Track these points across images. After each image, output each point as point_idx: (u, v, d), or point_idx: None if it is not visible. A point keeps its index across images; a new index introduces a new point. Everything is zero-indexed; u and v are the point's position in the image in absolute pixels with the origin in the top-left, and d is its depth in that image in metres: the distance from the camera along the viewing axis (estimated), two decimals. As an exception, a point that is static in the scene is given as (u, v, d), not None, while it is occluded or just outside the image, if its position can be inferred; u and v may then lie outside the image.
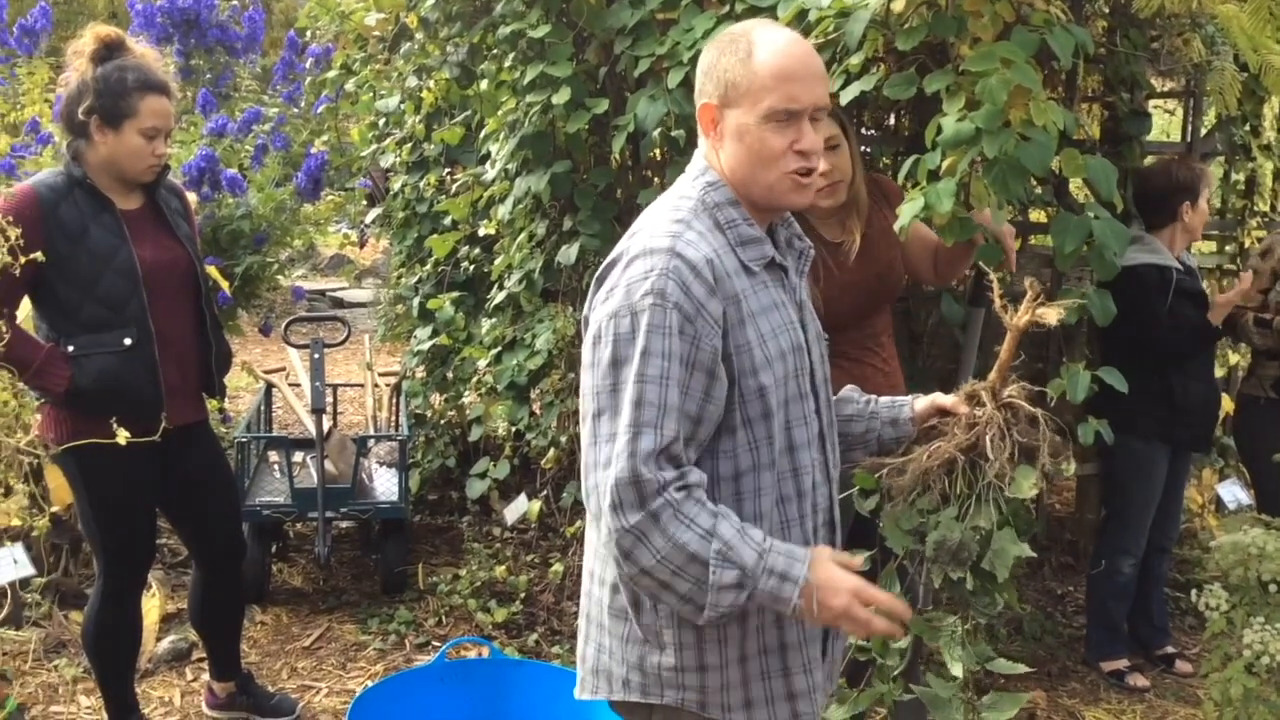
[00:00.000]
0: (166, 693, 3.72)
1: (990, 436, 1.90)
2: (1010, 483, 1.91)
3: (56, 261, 2.91)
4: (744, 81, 1.75)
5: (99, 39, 3.00)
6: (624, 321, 1.70)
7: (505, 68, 3.92)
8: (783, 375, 1.79)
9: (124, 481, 3.06)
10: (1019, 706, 2.07)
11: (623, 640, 1.84)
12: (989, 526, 1.93)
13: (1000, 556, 1.93)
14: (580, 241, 3.78)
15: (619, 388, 1.68)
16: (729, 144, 1.80)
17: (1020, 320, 1.93)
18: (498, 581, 4.33)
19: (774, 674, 1.83)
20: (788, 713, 1.85)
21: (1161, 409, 3.71)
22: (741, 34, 1.80)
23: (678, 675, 1.81)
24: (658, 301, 1.68)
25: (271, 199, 5.55)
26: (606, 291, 1.75)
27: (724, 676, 1.81)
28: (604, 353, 1.71)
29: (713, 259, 1.73)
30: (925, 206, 2.49)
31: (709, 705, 1.82)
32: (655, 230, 1.77)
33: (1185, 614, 4.38)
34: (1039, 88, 2.43)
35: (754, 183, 1.79)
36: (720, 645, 1.80)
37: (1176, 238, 3.78)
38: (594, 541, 1.89)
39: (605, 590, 1.86)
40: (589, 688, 1.93)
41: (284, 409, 6.09)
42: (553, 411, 4.31)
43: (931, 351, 4.05)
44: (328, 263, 12.09)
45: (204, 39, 7.73)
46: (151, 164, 3.04)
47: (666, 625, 1.80)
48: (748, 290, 1.77)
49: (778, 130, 1.75)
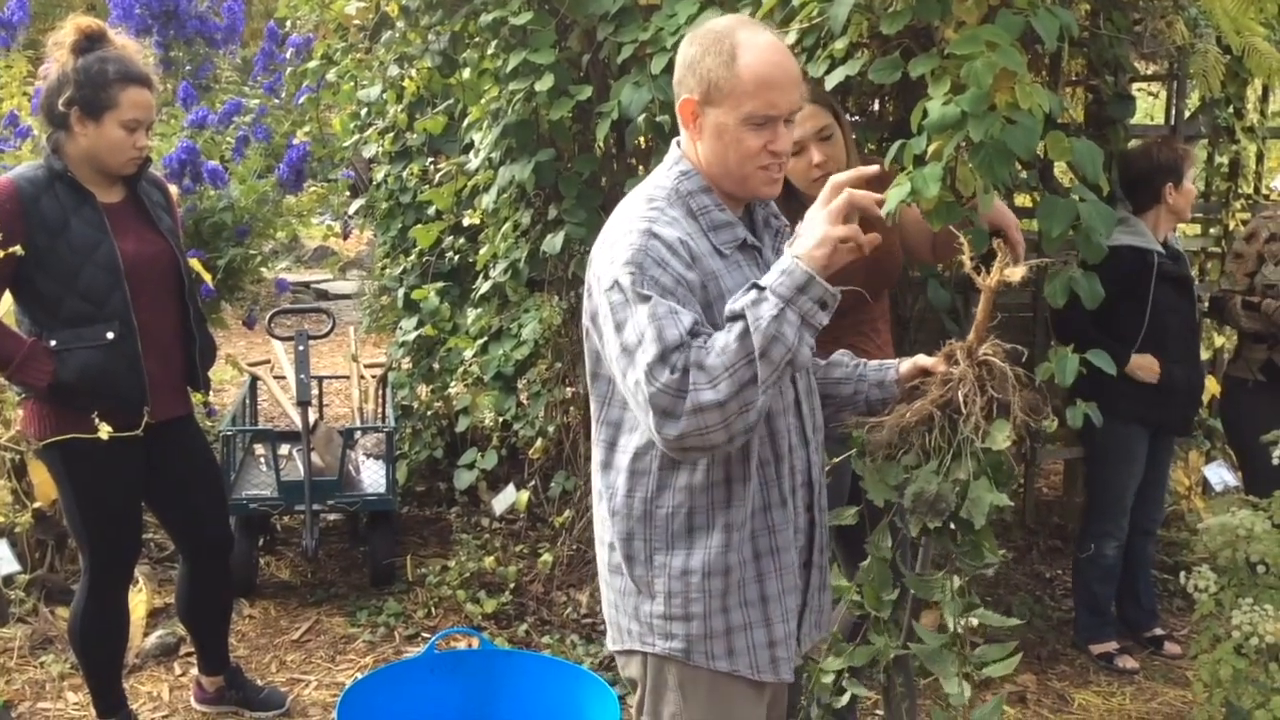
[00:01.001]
0: (155, 688, 3.70)
1: (964, 393, 2.00)
2: (985, 436, 2.00)
3: (37, 255, 2.88)
4: (726, 84, 1.87)
5: (80, 30, 2.97)
6: (615, 295, 1.84)
7: (487, 55, 3.89)
8: None
9: (108, 476, 3.05)
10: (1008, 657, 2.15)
11: (620, 593, 2.03)
12: (967, 479, 2.03)
13: (976, 505, 2.03)
14: (565, 230, 3.76)
15: (627, 347, 1.81)
16: (707, 139, 1.93)
17: (991, 281, 2.02)
18: (487, 572, 4.32)
19: (756, 624, 1.98)
20: (767, 658, 2.00)
21: (1143, 392, 3.71)
22: (725, 34, 1.90)
23: (667, 624, 1.97)
24: (637, 272, 1.81)
25: (253, 191, 5.52)
26: (596, 276, 1.91)
27: (708, 625, 1.95)
28: (608, 326, 1.85)
29: (686, 240, 1.87)
30: (912, 191, 2.47)
31: (694, 653, 1.97)
32: (632, 214, 1.91)
33: (1174, 596, 4.40)
34: (1024, 71, 2.42)
35: (728, 176, 1.94)
36: (705, 596, 1.94)
37: (1161, 219, 3.78)
38: (597, 507, 2.06)
39: (604, 549, 2.05)
40: (610, 639, 2.12)
41: (269, 402, 6.07)
42: (540, 401, 4.30)
43: (918, 337, 4.04)
44: (311, 255, 12.03)
45: (183, 30, 7.68)
46: (132, 156, 3.01)
47: (657, 575, 1.96)
48: (720, 271, 1.91)
49: (755, 132, 1.89)
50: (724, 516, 1.94)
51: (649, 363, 1.76)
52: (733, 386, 1.74)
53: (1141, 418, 3.76)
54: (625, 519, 1.98)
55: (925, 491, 2.03)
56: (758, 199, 2.01)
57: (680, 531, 1.95)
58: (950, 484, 2.03)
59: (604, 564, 2.07)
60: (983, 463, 2.02)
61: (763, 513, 1.97)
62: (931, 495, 2.03)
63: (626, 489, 1.97)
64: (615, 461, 1.99)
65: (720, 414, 1.74)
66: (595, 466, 2.05)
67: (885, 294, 3.11)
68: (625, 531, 1.98)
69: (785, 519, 2.00)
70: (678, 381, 1.74)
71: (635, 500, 1.96)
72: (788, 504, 2.01)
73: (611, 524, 2.00)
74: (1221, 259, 4.59)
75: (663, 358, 1.75)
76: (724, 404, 1.74)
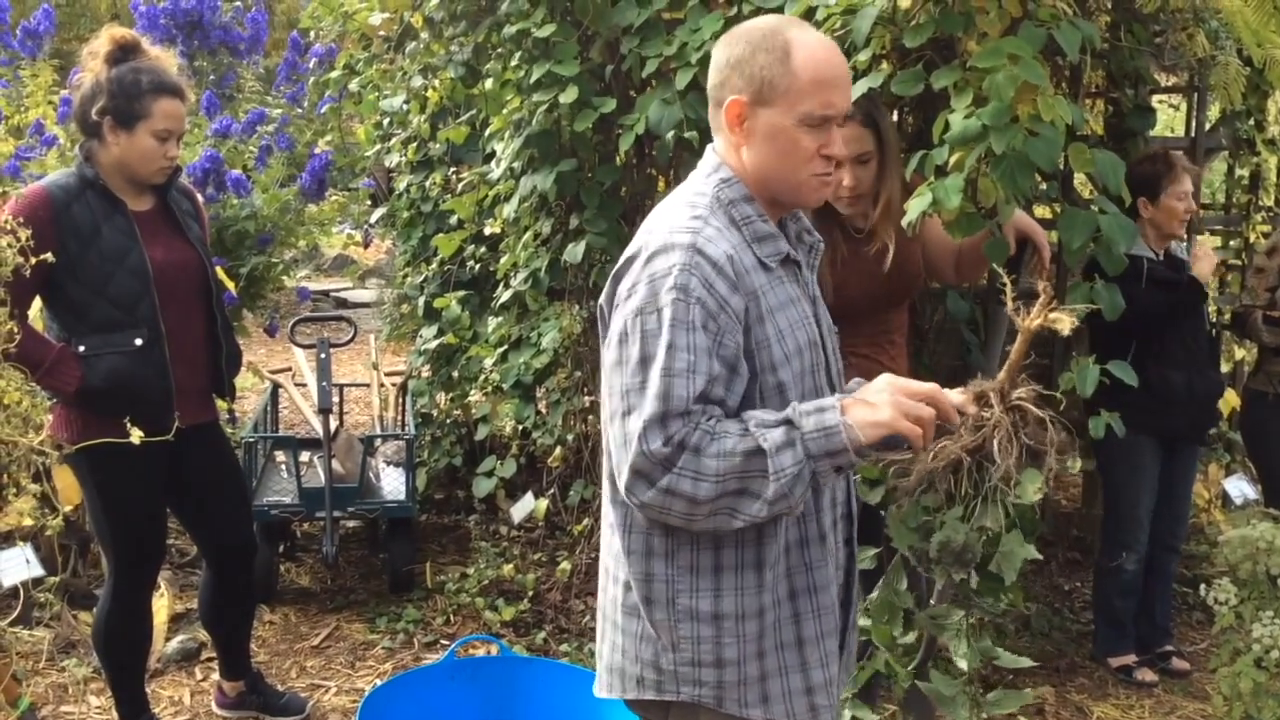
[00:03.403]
0: (176, 692, 3.73)
1: (999, 440, 1.86)
2: (1016, 485, 1.89)
3: (68, 262, 2.92)
4: (782, 82, 1.75)
5: (114, 41, 3.01)
6: (650, 319, 1.70)
7: (510, 67, 3.93)
8: (800, 371, 1.80)
9: (135, 481, 3.07)
10: (1023, 703, 2.08)
11: (636, 638, 1.84)
12: (995, 528, 1.93)
13: (1008, 559, 1.94)
14: (586, 240, 3.79)
15: (646, 384, 1.69)
16: (758, 142, 1.80)
17: (1032, 323, 1.90)
18: (505, 580, 4.34)
19: (792, 669, 1.83)
20: (805, 706, 1.84)
21: (1143, 399, 3.59)
22: (775, 31, 1.79)
23: (694, 670, 1.80)
24: (681, 297, 1.68)
25: (276, 200, 5.56)
26: (629, 289, 1.75)
27: (741, 672, 1.80)
28: (632, 350, 1.71)
29: (732, 255, 1.74)
30: (933, 202, 2.49)
31: (726, 700, 1.81)
32: (674, 226, 1.77)
33: (1193, 609, 4.39)
34: (1046, 83, 2.44)
35: (780, 180, 1.81)
36: (739, 641, 1.79)
37: (1147, 232, 3.72)
38: (609, 540, 1.90)
39: (619, 588, 1.86)
40: (605, 685, 1.92)
41: (290, 409, 6.11)
42: (559, 410, 4.32)
43: (937, 348, 4.05)
44: (331, 263, 12.10)
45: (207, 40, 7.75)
46: (163, 165, 3.05)
47: (681, 621, 1.79)
48: (765, 286, 1.78)
49: (810, 133, 1.77)
50: (755, 553, 1.78)
51: (647, 420, 1.66)
52: (713, 493, 1.66)
53: (1144, 426, 3.68)
54: (644, 558, 1.81)
55: (952, 541, 1.93)
56: (805, 206, 1.90)
57: (707, 569, 1.79)
58: (977, 533, 1.93)
59: (616, 603, 1.87)
60: (1013, 514, 1.93)
61: (799, 548, 1.83)
62: (958, 546, 1.93)
63: (646, 523, 1.80)
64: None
65: (688, 508, 1.67)
66: (610, 496, 1.88)
67: (904, 306, 3.12)
68: (644, 572, 1.81)
69: (824, 555, 1.85)
70: (667, 455, 1.65)
71: (655, 537, 1.80)
72: (827, 539, 1.86)
73: (628, 562, 1.82)
74: (1242, 272, 4.57)
75: (662, 421, 1.66)
76: (697, 503, 1.66)
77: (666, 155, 3.49)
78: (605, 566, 1.92)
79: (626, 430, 1.69)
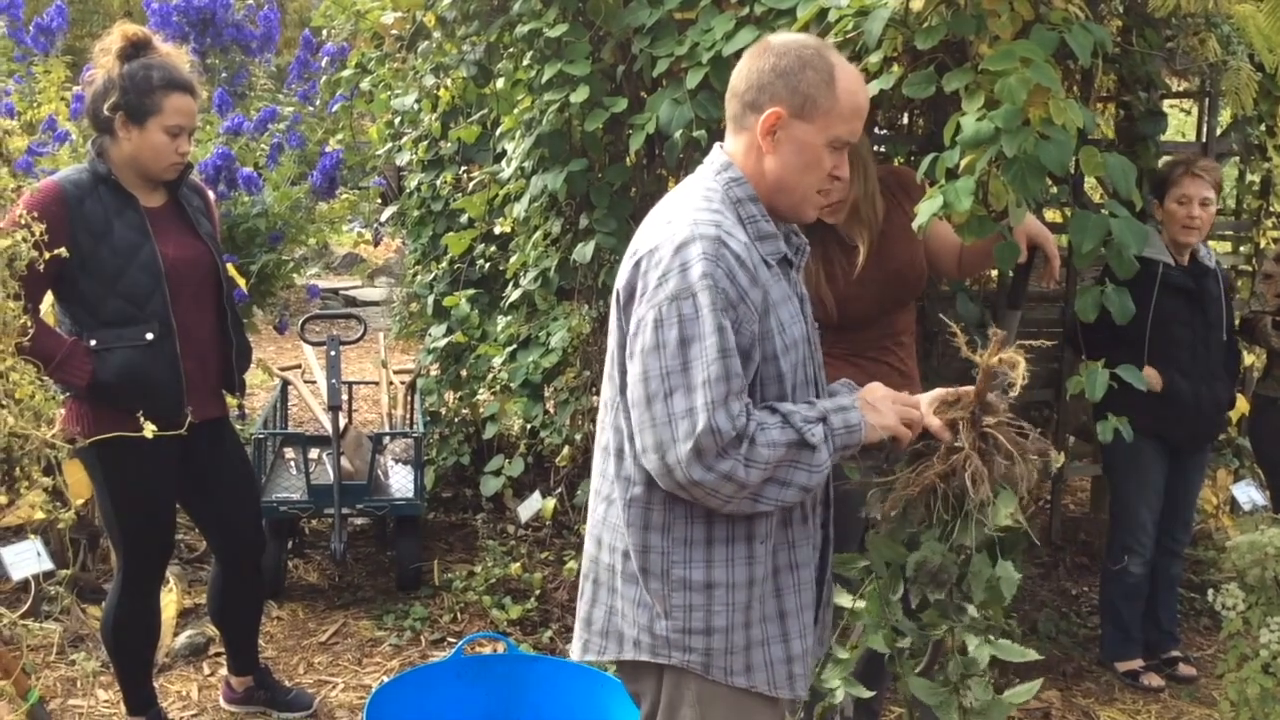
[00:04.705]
0: (184, 687, 3.74)
1: (970, 472, 1.95)
2: (989, 508, 1.97)
3: (80, 257, 2.93)
4: (825, 103, 1.90)
5: (126, 37, 3.03)
6: (686, 304, 1.81)
7: (522, 66, 3.94)
8: (795, 362, 1.94)
9: (145, 475, 3.09)
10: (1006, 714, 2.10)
11: (634, 604, 1.96)
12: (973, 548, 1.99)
13: (976, 579, 2.00)
14: (596, 239, 3.79)
15: (689, 366, 1.80)
16: (784, 152, 1.92)
17: (987, 360, 1.99)
18: (512, 578, 4.35)
19: (774, 640, 1.97)
20: (785, 674, 1.98)
21: (1147, 404, 3.58)
22: (819, 51, 1.92)
23: (685, 638, 1.93)
24: (711, 283, 1.80)
25: (287, 197, 5.57)
26: (660, 277, 1.84)
27: (728, 640, 1.93)
28: (669, 334, 1.82)
29: (748, 247, 1.87)
30: (944, 205, 2.49)
31: (712, 668, 1.94)
32: (697, 218, 1.87)
33: (1200, 614, 4.38)
34: (1058, 86, 2.43)
35: (790, 192, 1.95)
36: (728, 610, 1.92)
37: (1166, 235, 3.75)
38: (603, 513, 2.02)
39: (617, 557, 1.98)
40: (595, 649, 2.04)
41: (300, 406, 6.12)
42: (567, 409, 4.33)
43: (946, 350, 4.05)
44: (340, 261, 12.13)
45: (219, 38, 7.76)
46: (174, 161, 3.06)
47: (675, 590, 1.92)
48: (769, 281, 1.90)
49: (831, 154, 1.93)
50: (747, 528, 1.92)
51: (714, 400, 1.78)
52: (758, 479, 1.82)
53: (1147, 430, 3.67)
54: (642, 530, 1.93)
55: (928, 561, 2.01)
56: (801, 221, 2.03)
57: (699, 541, 1.91)
58: (954, 555, 2.00)
59: (615, 570, 1.99)
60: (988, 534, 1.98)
61: (784, 527, 1.97)
62: (934, 567, 2.00)
63: (645, 498, 1.92)
64: (629, 467, 1.93)
65: (734, 491, 1.82)
66: (603, 472, 2.00)
67: (911, 307, 3.11)
68: (642, 544, 1.93)
69: (805, 535, 2.00)
70: (731, 440, 1.79)
71: (653, 512, 1.92)
72: (809, 520, 2.01)
73: (626, 534, 1.94)
74: (1252, 277, 4.56)
75: (726, 401, 1.79)
76: (744, 487, 1.82)
77: (676, 155, 3.49)
78: (597, 537, 2.04)
79: (671, 409, 1.81)
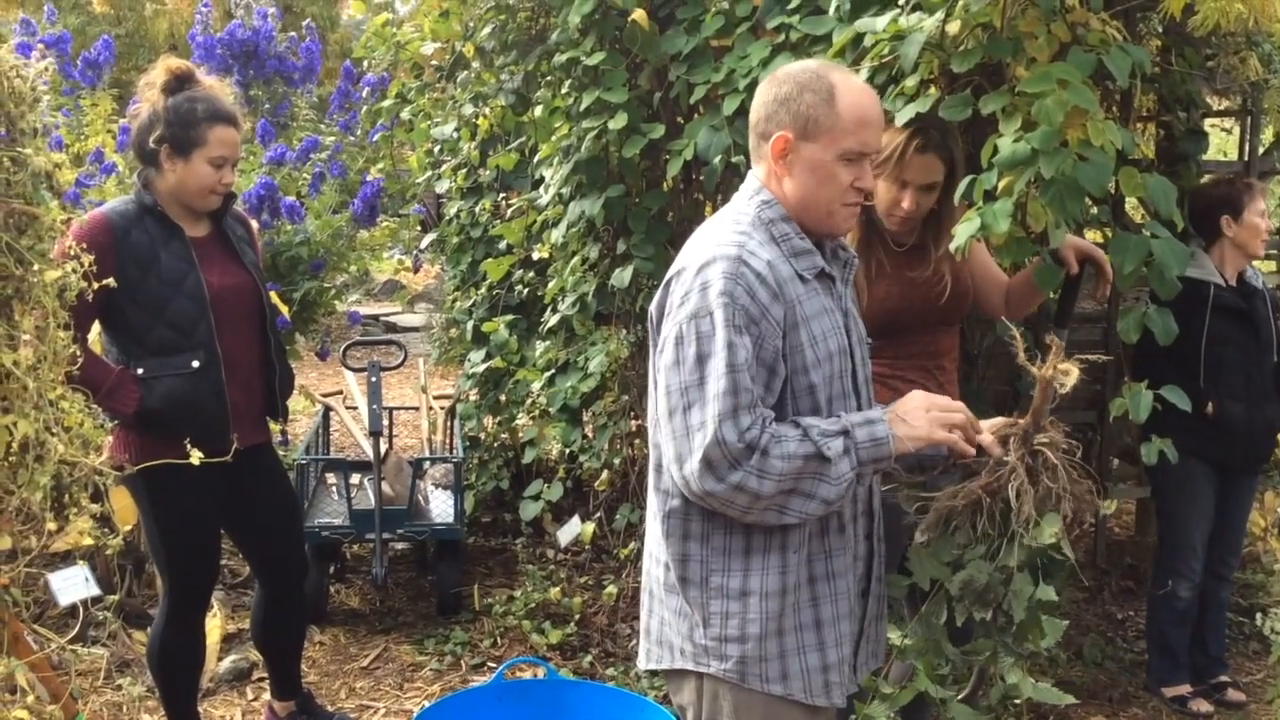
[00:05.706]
0: (228, 711, 3.77)
1: (1016, 485, 1.96)
2: (1035, 527, 1.97)
3: (128, 287, 2.97)
4: (826, 120, 1.96)
5: (170, 71, 3.08)
6: (704, 322, 1.90)
7: (560, 94, 3.97)
8: (829, 375, 1.99)
9: (191, 502, 3.12)
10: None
11: (676, 613, 2.06)
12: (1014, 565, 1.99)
13: (1017, 598, 2.00)
14: (634, 265, 3.81)
15: (705, 380, 1.88)
16: (799, 174, 2.00)
17: (1046, 371, 2.00)
18: (552, 603, 4.35)
19: (809, 649, 2.02)
20: (821, 683, 2.03)
21: (1199, 427, 3.56)
22: (820, 73, 1.99)
23: (721, 646, 2.00)
24: (729, 302, 1.88)
25: (329, 226, 5.63)
26: (682, 296, 1.94)
27: (763, 648, 1.98)
28: (688, 351, 1.91)
29: (773, 265, 1.94)
30: (982, 226, 2.49)
31: (748, 676, 2.00)
32: (720, 240, 1.96)
33: (1249, 639, 4.30)
34: (1096, 108, 2.43)
35: (815, 210, 2.01)
36: (762, 618, 1.98)
37: (1226, 254, 3.73)
38: (651, 526, 2.10)
39: (660, 568, 2.08)
40: (654, 658, 2.14)
41: (341, 432, 6.17)
42: (606, 434, 4.33)
43: (987, 373, 4.02)
44: (380, 288, 12.23)
45: (263, 70, 7.86)
46: (218, 192, 3.11)
47: (713, 598, 1.99)
48: (801, 296, 1.97)
49: (847, 167, 1.98)
50: (781, 538, 1.98)
51: (721, 413, 1.85)
52: (773, 491, 1.87)
53: (1197, 452, 3.65)
54: (681, 540, 2.02)
55: (975, 580, 2.02)
56: (835, 234, 2.07)
57: (738, 551, 1.99)
58: (999, 573, 2.01)
59: (658, 581, 2.10)
60: (1031, 554, 1.99)
61: (820, 537, 2.02)
62: (980, 585, 2.02)
63: (683, 510, 2.01)
64: (666, 480, 2.03)
65: (749, 502, 1.88)
66: (650, 487, 2.10)
67: (954, 331, 3.09)
68: (680, 553, 2.02)
69: (843, 545, 2.05)
70: (739, 452, 1.85)
71: (692, 522, 2.01)
72: (846, 530, 2.05)
73: (666, 545, 2.04)
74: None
75: (734, 414, 1.85)
76: (759, 499, 1.88)
77: (714, 181, 3.51)
78: (649, 550, 2.14)
79: (689, 422, 1.89)
